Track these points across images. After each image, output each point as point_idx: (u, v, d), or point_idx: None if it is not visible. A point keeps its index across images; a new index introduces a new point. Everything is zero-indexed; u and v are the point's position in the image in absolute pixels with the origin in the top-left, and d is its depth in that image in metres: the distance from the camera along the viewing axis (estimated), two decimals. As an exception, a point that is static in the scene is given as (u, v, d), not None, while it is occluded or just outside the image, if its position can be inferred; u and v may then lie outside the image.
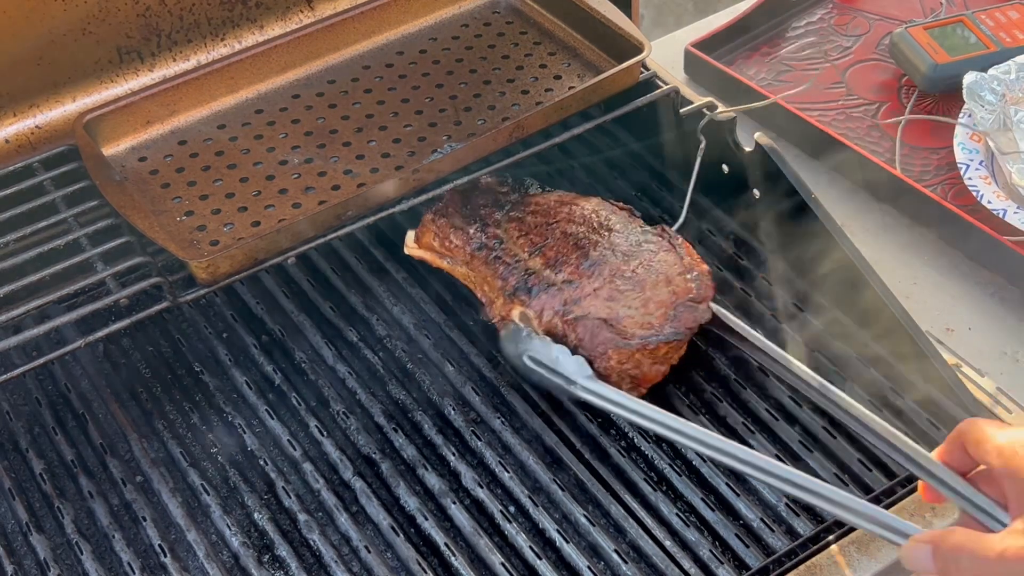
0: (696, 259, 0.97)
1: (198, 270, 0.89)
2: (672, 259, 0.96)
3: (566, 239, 0.98)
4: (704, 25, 1.45)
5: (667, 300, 0.93)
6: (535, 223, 1.00)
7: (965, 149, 1.21)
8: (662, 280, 0.95)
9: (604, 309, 0.93)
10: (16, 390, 1.03)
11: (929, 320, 1.00)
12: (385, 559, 0.88)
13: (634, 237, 0.98)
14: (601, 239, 0.98)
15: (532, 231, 0.99)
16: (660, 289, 0.94)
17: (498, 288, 0.97)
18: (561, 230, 0.99)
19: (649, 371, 0.92)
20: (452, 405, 0.98)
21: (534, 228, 1.00)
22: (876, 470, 0.91)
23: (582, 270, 0.96)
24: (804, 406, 0.96)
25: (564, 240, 0.98)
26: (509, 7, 1.17)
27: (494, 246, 0.99)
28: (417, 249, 1.04)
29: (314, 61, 1.11)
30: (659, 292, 0.94)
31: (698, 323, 0.92)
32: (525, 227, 1.00)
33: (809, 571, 0.83)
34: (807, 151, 1.27)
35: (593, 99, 1.04)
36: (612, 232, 0.98)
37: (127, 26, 1.05)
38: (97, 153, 0.99)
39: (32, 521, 0.92)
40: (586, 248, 0.97)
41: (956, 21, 1.34)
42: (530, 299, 0.95)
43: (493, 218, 1.01)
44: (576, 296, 0.94)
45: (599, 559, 0.88)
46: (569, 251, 0.97)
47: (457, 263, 1.01)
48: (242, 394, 1.01)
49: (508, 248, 0.99)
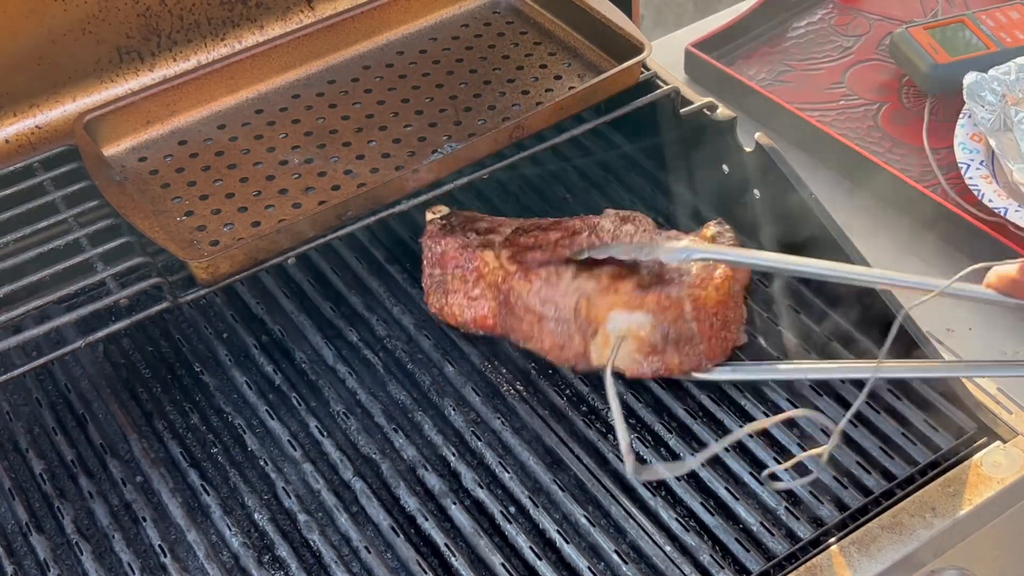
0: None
1: (198, 270, 0.89)
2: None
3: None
4: (704, 25, 1.45)
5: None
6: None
7: (966, 149, 1.20)
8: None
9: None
10: (16, 390, 1.03)
11: (929, 320, 1.00)
12: (385, 559, 0.88)
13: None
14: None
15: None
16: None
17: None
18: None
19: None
20: (452, 405, 0.98)
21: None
22: (875, 472, 0.91)
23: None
24: (803, 407, 0.96)
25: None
26: (509, 7, 1.17)
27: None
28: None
29: (314, 61, 1.11)
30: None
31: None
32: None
33: (809, 572, 0.84)
34: (807, 151, 1.27)
35: (593, 99, 1.04)
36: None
37: (127, 26, 1.05)
38: (97, 153, 0.99)
39: (32, 521, 0.92)
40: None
41: (956, 21, 1.34)
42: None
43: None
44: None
45: (599, 560, 0.88)
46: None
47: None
48: (242, 394, 1.01)
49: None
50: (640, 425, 0.97)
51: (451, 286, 1.01)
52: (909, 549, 0.85)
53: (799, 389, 0.98)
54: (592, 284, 0.94)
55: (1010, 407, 0.94)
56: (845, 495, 0.90)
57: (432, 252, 1.02)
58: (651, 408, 0.97)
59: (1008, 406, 0.94)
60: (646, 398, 0.98)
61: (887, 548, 0.84)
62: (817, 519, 0.89)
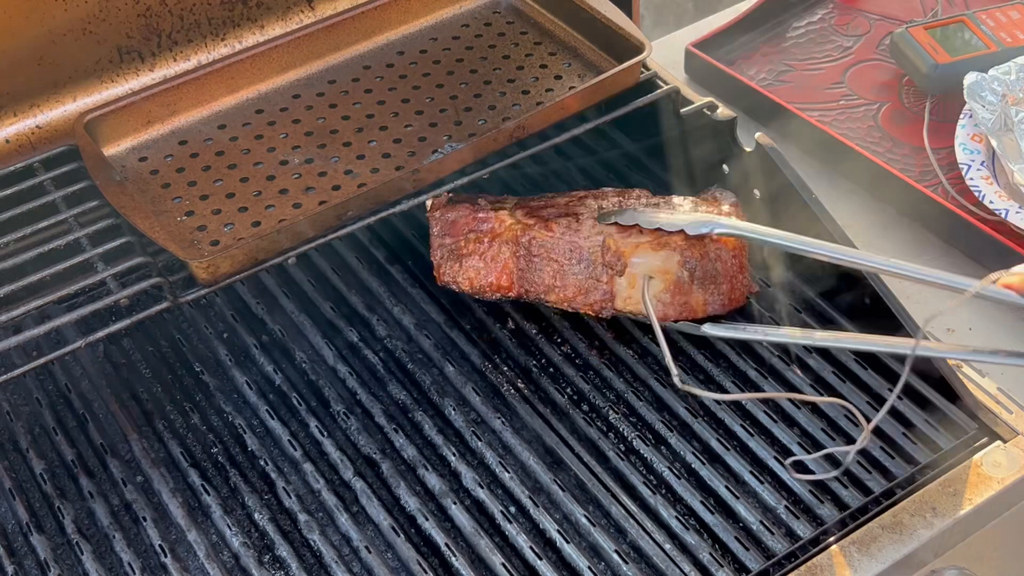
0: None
1: (198, 270, 0.89)
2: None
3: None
4: (704, 25, 1.45)
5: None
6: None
7: (966, 150, 1.20)
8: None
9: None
10: (16, 390, 1.03)
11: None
12: (386, 559, 0.88)
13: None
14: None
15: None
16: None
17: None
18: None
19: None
20: (452, 405, 0.98)
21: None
22: (875, 472, 0.91)
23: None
24: (803, 408, 0.96)
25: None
26: (510, 7, 1.17)
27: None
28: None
29: (314, 61, 1.11)
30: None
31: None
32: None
33: (809, 571, 0.84)
34: (807, 151, 1.27)
35: (594, 99, 1.04)
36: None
37: (127, 26, 1.05)
38: (97, 153, 0.99)
39: (32, 521, 0.92)
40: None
41: (957, 21, 1.34)
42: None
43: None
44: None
45: (600, 559, 0.88)
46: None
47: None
48: (242, 394, 1.01)
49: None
50: (641, 423, 0.97)
51: (465, 250, 1.00)
52: (909, 549, 0.85)
53: (801, 389, 0.98)
54: (613, 228, 0.97)
55: (1010, 407, 0.94)
56: (845, 494, 0.90)
57: (442, 223, 1.02)
58: (652, 406, 0.97)
59: (1008, 406, 0.94)
60: (647, 396, 0.99)
61: (887, 548, 0.84)
62: (817, 518, 0.89)
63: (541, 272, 0.98)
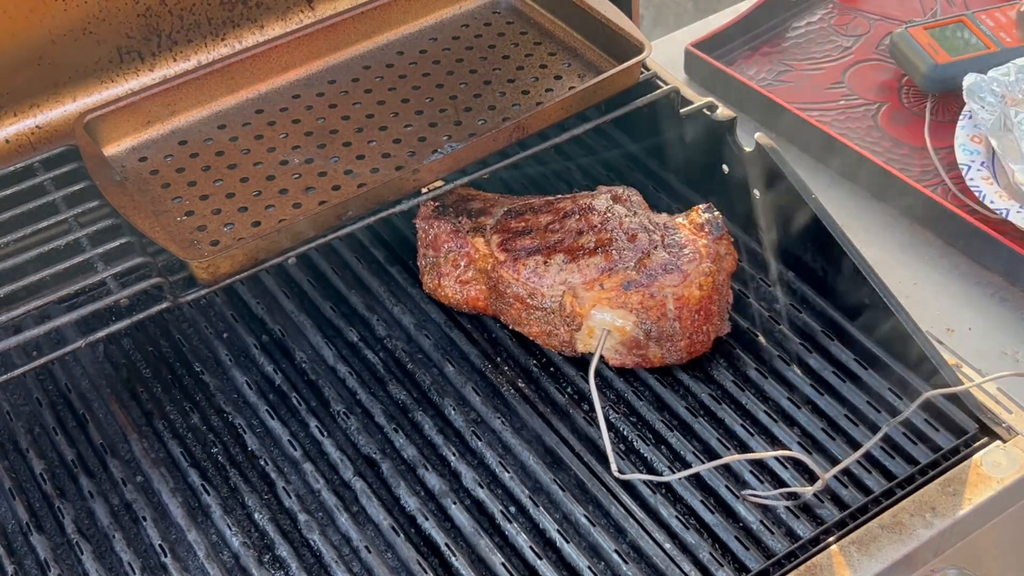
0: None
1: (198, 270, 0.89)
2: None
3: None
4: (704, 25, 1.45)
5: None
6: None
7: (966, 150, 1.20)
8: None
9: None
10: (16, 390, 1.03)
11: (930, 320, 1.00)
12: (385, 559, 0.88)
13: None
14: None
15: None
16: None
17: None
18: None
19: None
20: (452, 405, 0.98)
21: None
22: (875, 472, 0.91)
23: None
24: (803, 408, 0.96)
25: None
26: (509, 7, 1.17)
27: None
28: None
29: (314, 61, 1.11)
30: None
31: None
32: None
33: (809, 571, 0.84)
34: (807, 151, 1.27)
35: (594, 99, 1.04)
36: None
37: (127, 26, 1.05)
38: (97, 153, 0.99)
39: (32, 521, 0.92)
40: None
41: (956, 21, 1.34)
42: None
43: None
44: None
45: (599, 559, 0.88)
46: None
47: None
48: (242, 394, 1.01)
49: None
50: (641, 423, 0.97)
51: (444, 269, 1.03)
52: (909, 548, 0.85)
53: (801, 389, 0.98)
54: (578, 278, 0.97)
55: (1010, 407, 0.94)
56: (845, 494, 0.90)
57: (426, 234, 1.04)
58: (652, 406, 0.97)
59: (1008, 406, 0.94)
60: (647, 396, 0.99)
61: (887, 547, 0.84)
62: (817, 518, 0.89)
63: (509, 307, 1.00)
